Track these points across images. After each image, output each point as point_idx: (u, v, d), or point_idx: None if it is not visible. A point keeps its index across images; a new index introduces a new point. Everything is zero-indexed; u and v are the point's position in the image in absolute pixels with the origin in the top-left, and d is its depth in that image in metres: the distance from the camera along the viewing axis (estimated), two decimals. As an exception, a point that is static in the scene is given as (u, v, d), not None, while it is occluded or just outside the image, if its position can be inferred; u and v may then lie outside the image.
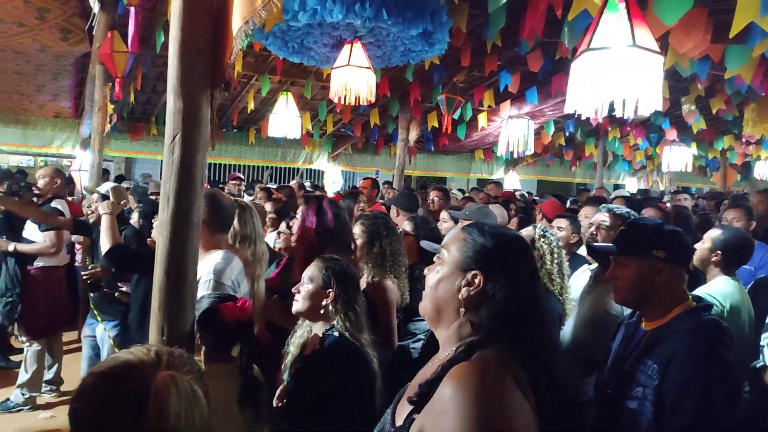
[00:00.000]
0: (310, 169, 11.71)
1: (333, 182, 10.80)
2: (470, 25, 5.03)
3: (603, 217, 2.60)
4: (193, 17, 1.63)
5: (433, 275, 1.20)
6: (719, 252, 2.70)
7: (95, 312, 3.76)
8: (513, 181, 11.70)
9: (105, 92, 5.49)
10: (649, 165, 13.03)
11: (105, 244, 2.76)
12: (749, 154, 11.73)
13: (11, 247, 4.23)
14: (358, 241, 2.72)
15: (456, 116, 7.68)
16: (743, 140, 10.38)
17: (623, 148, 10.99)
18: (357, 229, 2.76)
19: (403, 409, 1.12)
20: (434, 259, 1.25)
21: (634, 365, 1.73)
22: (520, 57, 6.32)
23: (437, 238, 2.98)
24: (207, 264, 2.06)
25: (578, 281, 2.68)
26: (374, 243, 2.68)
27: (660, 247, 1.75)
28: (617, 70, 2.61)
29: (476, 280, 1.11)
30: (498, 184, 9.34)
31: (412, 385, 1.17)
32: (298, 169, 11.67)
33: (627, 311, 2.13)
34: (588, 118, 8.89)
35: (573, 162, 12.76)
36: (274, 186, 6.87)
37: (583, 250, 3.39)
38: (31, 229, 4.26)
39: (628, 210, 2.63)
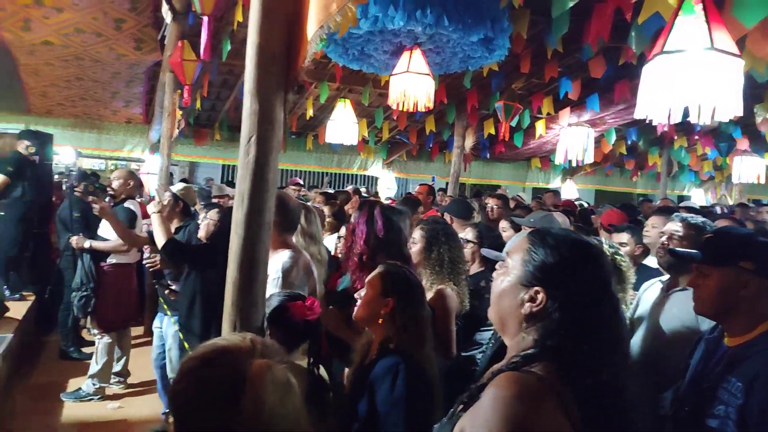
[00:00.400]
0: (365, 176, 11.83)
1: (387, 188, 10.86)
2: (531, 30, 4.97)
3: (676, 226, 2.49)
4: (270, 23, 1.69)
5: (497, 284, 1.18)
6: None
7: (163, 305, 3.93)
8: (570, 191, 11.40)
9: (174, 99, 5.76)
10: (718, 176, 12.38)
11: (160, 239, 2.88)
12: (830, 166, 10.96)
13: (87, 244, 4.48)
14: (417, 247, 2.70)
15: (513, 123, 7.57)
16: (824, 150, 9.73)
17: (690, 158, 10.50)
18: (416, 234, 2.74)
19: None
20: (496, 266, 1.23)
21: (715, 382, 1.64)
22: (582, 63, 6.18)
23: (500, 246, 2.95)
24: (275, 262, 2.12)
25: (649, 293, 2.57)
26: (433, 249, 2.67)
27: (748, 258, 1.64)
28: (693, 74, 2.50)
29: (539, 297, 1.08)
30: (555, 193, 9.13)
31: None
32: (352, 175, 11.82)
33: (704, 325, 2.03)
34: (653, 127, 8.59)
35: (634, 172, 12.30)
36: (332, 191, 6.98)
37: (649, 261, 3.27)
38: (105, 228, 4.50)
39: (704, 220, 2.50)
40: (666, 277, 2.54)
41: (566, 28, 4.27)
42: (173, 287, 3.75)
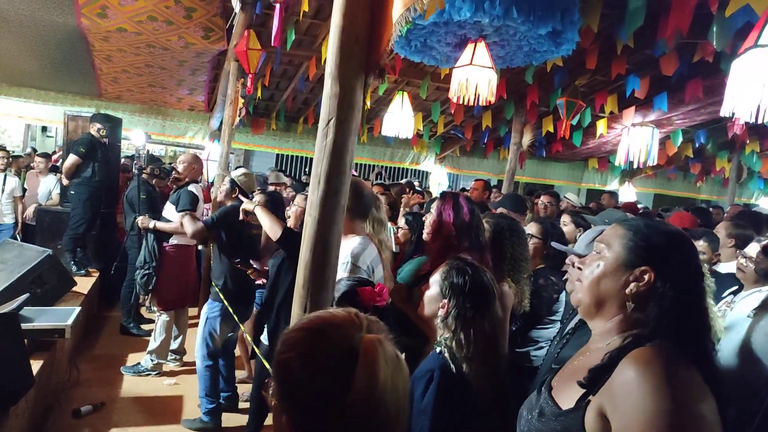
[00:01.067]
0: (416, 171, 11.77)
1: (438, 184, 10.78)
2: (601, 24, 4.79)
3: (753, 251, 2.36)
4: (353, 4, 1.68)
5: (591, 269, 1.21)
6: None
7: (218, 293, 4.00)
8: (629, 194, 10.99)
9: (237, 87, 5.89)
10: (792, 185, 11.68)
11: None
12: None
13: (152, 224, 4.64)
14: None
15: (574, 122, 7.35)
16: None
17: (761, 164, 9.94)
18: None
19: (564, 392, 1.15)
20: (573, 264, 1.25)
21: None
22: (651, 60, 5.92)
23: (563, 244, 2.85)
24: (345, 247, 2.12)
25: (744, 305, 2.43)
26: (496, 243, 2.61)
27: None
28: (789, 70, 2.35)
29: (646, 276, 1.12)
30: (612, 194, 8.82)
31: (564, 376, 1.21)
32: (404, 169, 11.79)
33: None
34: (723, 129, 8.17)
35: (699, 177, 11.74)
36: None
37: (723, 267, 3.11)
38: (169, 210, 4.65)
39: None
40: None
41: (641, 21, 4.10)
42: (256, 266, 3.78)
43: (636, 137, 7.64)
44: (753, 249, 2.54)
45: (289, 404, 0.85)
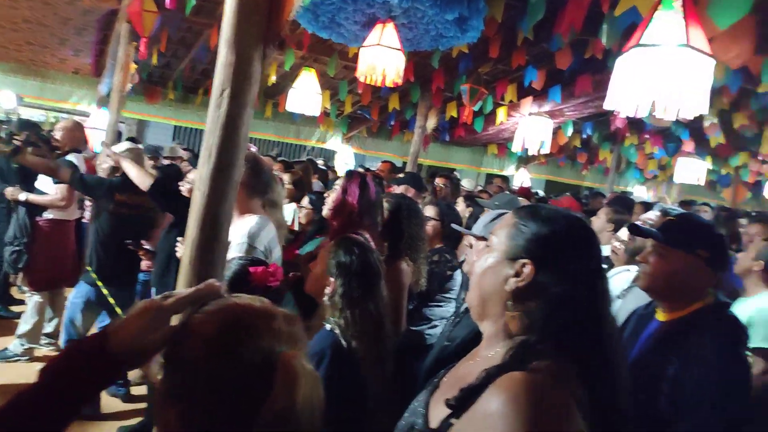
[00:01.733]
0: (321, 149, 11.64)
1: (345, 163, 10.74)
2: (505, 14, 4.95)
3: (653, 216, 2.56)
4: (253, -33, 1.57)
5: (479, 264, 1.08)
6: (762, 263, 2.69)
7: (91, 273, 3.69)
8: (524, 179, 11.63)
9: (129, 51, 5.43)
10: (661, 175, 12.95)
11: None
12: (762, 173, 11.64)
13: (23, 196, 4.19)
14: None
15: (476, 108, 7.60)
16: (759, 158, 10.31)
17: (637, 156, 10.90)
18: None
19: (438, 407, 0.99)
20: (474, 246, 1.20)
21: (648, 356, 1.72)
22: (548, 53, 6.23)
23: (461, 224, 2.94)
24: (241, 227, 2.03)
25: (616, 280, 2.63)
26: (394, 223, 2.64)
27: (705, 248, 1.72)
28: (666, 69, 2.54)
29: (525, 270, 0.99)
30: (505, 179, 9.27)
31: (448, 383, 1.06)
32: (307, 147, 11.59)
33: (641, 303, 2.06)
34: (607, 122, 8.82)
35: (585, 165, 12.67)
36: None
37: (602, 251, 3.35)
38: (44, 181, 4.22)
39: (682, 211, 2.59)
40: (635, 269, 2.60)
41: (542, 14, 4.27)
42: (147, 247, 3.51)
43: (532, 126, 8.07)
44: (625, 233, 2.75)
45: (182, 401, 0.75)
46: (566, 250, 1.00)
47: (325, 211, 2.43)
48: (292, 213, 3.56)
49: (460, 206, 3.48)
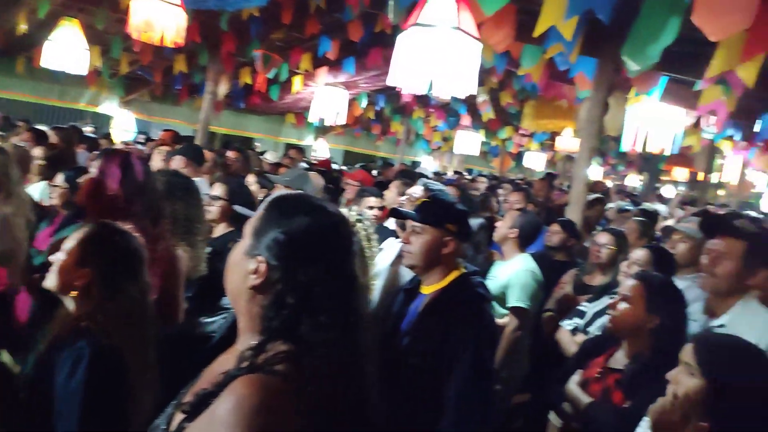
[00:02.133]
0: (96, 114, 10.18)
1: (124, 130, 9.56)
2: (296, -21, 4.79)
3: (418, 191, 2.69)
4: None
5: (231, 256, 1.04)
6: (516, 230, 3.05)
7: None
8: (322, 149, 11.75)
9: None
10: (445, 146, 14.24)
11: None
12: (523, 145, 13.57)
13: None
14: None
15: (271, 76, 7.35)
16: (520, 132, 11.96)
17: (424, 128, 11.79)
18: None
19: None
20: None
21: (418, 326, 1.89)
22: (342, 24, 6.26)
23: (253, 205, 2.77)
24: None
25: (386, 253, 2.73)
26: (167, 204, 2.35)
27: (453, 222, 1.94)
28: (440, 50, 2.67)
29: (261, 268, 0.96)
30: (300, 150, 9.27)
31: (204, 381, 1.00)
32: (79, 111, 10.04)
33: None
34: (398, 96, 9.31)
35: (379, 136, 13.30)
36: (47, 128, 5.71)
37: (390, 223, 3.50)
38: None
39: (441, 188, 2.75)
40: None
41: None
42: None
43: (327, 96, 8.12)
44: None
45: None
46: (302, 247, 0.98)
47: (78, 196, 2.05)
48: (39, 193, 2.98)
49: (252, 184, 3.28)
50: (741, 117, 4.98)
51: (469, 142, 10.95)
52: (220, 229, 2.87)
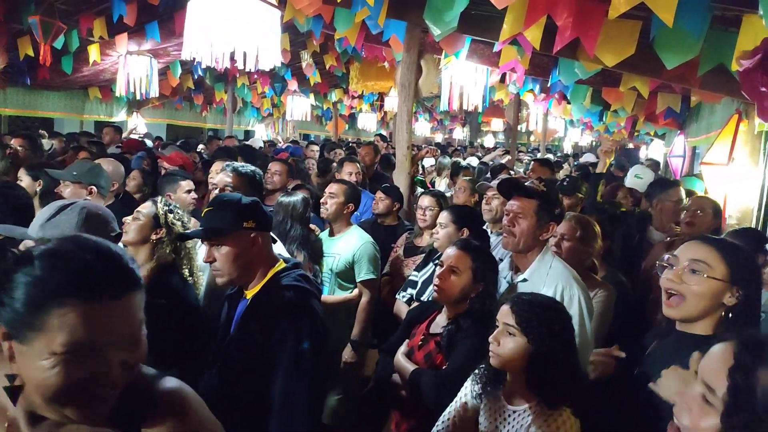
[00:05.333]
0: None
1: None
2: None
3: (227, 178, 2.48)
4: None
5: None
6: (351, 205, 3.05)
7: None
8: (139, 125, 10.63)
9: None
10: (276, 113, 13.80)
11: None
12: (354, 107, 13.67)
13: None
14: None
15: (58, 46, 6.34)
16: (350, 94, 12.00)
17: (252, 95, 11.25)
18: None
19: None
20: None
21: (243, 330, 1.79)
22: (136, -15, 5.57)
23: (24, 209, 2.33)
24: None
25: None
26: None
27: (250, 219, 1.78)
28: (235, 19, 2.46)
29: None
30: (116, 129, 8.31)
31: None
32: None
33: None
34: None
35: (204, 107, 12.42)
36: None
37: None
38: None
39: (254, 169, 2.57)
40: None
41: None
42: None
43: (134, 66, 7.29)
44: None
45: None
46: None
47: None
48: None
49: (25, 180, 2.76)
50: (537, 73, 5.44)
51: (299, 106, 10.71)
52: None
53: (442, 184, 7.07)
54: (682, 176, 5.82)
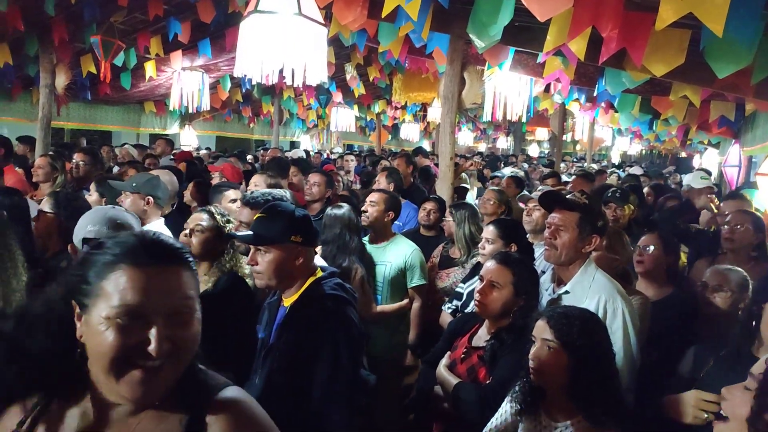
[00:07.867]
0: None
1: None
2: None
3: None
4: None
5: None
6: (392, 213, 3.15)
7: None
8: (190, 137, 11.06)
9: None
10: (321, 124, 14.05)
11: None
12: (397, 117, 13.78)
13: None
14: None
15: (118, 63, 6.69)
16: (393, 105, 12.11)
17: (297, 107, 11.51)
18: None
19: None
20: None
21: (283, 338, 1.83)
22: (189, 4, 5.82)
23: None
24: None
25: None
26: None
27: (297, 233, 1.83)
28: (283, 37, 2.55)
29: None
30: (168, 141, 8.66)
31: None
32: None
33: None
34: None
35: (251, 119, 12.79)
36: None
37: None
38: None
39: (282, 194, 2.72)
40: None
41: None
42: None
43: (187, 81, 7.61)
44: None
45: None
46: None
47: None
48: None
49: (93, 195, 2.94)
50: (583, 82, 5.37)
51: (344, 118, 10.90)
52: (53, 247, 2.54)
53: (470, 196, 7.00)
54: (737, 186, 5.61)
